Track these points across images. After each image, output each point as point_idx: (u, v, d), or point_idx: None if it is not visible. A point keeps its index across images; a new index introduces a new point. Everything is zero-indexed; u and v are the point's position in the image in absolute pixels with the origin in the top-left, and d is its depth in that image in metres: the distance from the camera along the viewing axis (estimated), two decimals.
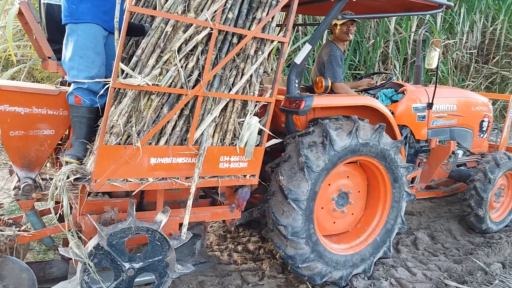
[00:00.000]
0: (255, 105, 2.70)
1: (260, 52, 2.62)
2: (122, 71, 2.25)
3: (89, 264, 2.30)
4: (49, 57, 2.63)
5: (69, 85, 2.63)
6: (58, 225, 2.51)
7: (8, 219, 2.80)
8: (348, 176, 3.29)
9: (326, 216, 3.23)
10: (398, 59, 8.45)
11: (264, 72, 2.67)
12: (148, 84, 2.27)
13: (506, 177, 4.40)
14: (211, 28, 2.36)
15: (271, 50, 2.68)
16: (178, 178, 2.53)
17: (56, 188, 2.27)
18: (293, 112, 2.98)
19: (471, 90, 5.84)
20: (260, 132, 2.74)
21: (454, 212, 4.88)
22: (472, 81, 9.86)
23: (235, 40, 2.53)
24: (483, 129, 4.54)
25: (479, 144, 4.60)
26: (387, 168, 3.23)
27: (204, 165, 2.56)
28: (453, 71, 9.51)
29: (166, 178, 2.51)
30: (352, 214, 3.41)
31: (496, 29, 10.43)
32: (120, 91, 2.32)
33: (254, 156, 2.72)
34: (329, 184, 3.16)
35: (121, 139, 2.32)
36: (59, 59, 2.66)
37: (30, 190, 2.50)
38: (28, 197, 2.51)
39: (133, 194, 2.52)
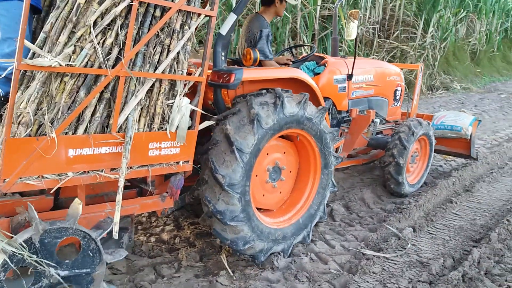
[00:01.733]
0: (185, 85, 2.48)
1: (186, 27, 2.41)
2: (28, 50, 1.92)
3: (13, 259, 1.94)
4: None
5: None
6: None
7: None
8: (284, 152, 3.27)
9: (258, 185, 3.14)
10: (306, 35, 8.50)
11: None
12: (60, 65, 1.95)
13: (419, 142, 4.62)
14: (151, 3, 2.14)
15: (198, 25, 2.48)
16: (102, 171, 2.24)
17: None
18: (222, 87, 2.85)
19: None
20: (192, 114, 2.52)
21: (366, 181, 5.02)
22: (375, 55, 10.30)
23: (158, 13, 2.29)
24: (397, 97, 4.77)
25: (394, 112, 4.82)
26: (314, 136, 3.22)
27: (132, 154, 2.28)
28: (358, 46, 9.84)
29: (88, 172, 2.20)
30: (280, 192, 3.36)
31: (396, 5, 10.97)
32: (27, 73, 2.00)
33: (187, 140, 2.51)
34: (267, 154, 3.09)
35: (31, 129, 1.99)
36: None
37: None
38: None
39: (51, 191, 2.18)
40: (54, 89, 2.02)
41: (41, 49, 1.98)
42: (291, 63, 3.98)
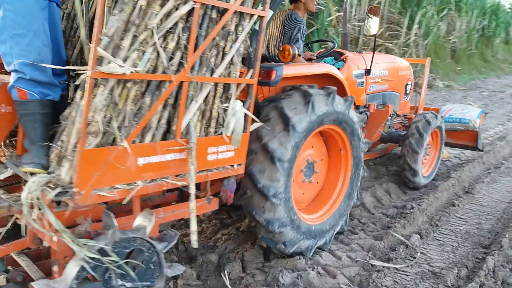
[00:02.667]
0: (237, 88, 2.42)
1: (240, 28, 2.32)
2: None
3: (91, 265, 1.86)
4: None
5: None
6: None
7: None
8: (312, 146, 3.25)
9: (296, 187, 3.17)
10: None
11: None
12: (134, 72, 1.86)
13: (431, 135, 4.68)
14: (194, 1, 2.00)
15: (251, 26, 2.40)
16: (168, 178, 2.17)
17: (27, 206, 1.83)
18: (263, 84, 2.81)
19: None
20: (244, 117, 2.45)
21: (364, 184, 4.81)
22: None
23: (214, 15, 2.18)
24: (407, 92, 4.81)
25: (404, 106, 4.85)
26: (344, 127, 3.19)
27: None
28: (376, 41, 9.70)
29: (155, 179, 2.13)
30: (317, 183, 3.39)
31: (381, 2, 10.87)
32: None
33: (240, 143, 2.46)
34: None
35: (101, 139, 1.89)
36: None
37: None
38: None
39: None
40: (116, 95, 1.90)
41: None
42: (315, 58, 3.91)
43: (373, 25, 3.74)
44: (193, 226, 2.12)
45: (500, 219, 4.04)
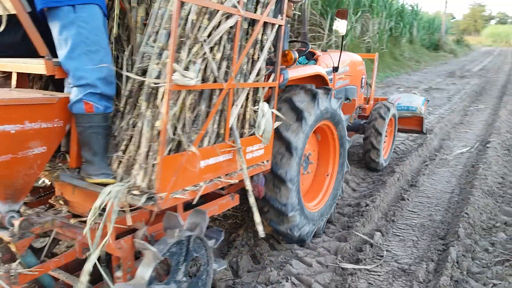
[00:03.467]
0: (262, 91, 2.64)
1: (265, 37, 2.56)
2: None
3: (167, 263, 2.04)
4: (45, 57, 2.01)
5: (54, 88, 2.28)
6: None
7: None
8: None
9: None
10: None
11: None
12: (201, 83, 2.11)
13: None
14: (239, 15, 2.23)
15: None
16: (220, 177, 2.39)
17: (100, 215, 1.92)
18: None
19: None
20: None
21: None
22: None
23: (245, 25, 2.39)
24: (362, 85, 5.15)
25: (360, 98, 5.19)
26: (335, 124, 3.52)
27: (236, 159, 2.47)
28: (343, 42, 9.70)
29: (212, 180, 2.34)
30: (311, 172, 3.65)
31: (303, 4, 11.06)
32: (153, 91, 2.06)
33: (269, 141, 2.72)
34: None
35: (171, 146, 2.06)
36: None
37: (29, 225, 1.95)
38: (26, 235, 1.95)
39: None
40: (179, 105, 2.06)
41: (163, 65, 2.03)
42: None
43: (341, 26, 4.07)
44: (257, 218, 2.41)
45: (448, 209, 4.19)
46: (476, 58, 28.34)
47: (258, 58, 2.51)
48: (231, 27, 2.22)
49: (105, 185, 1.96)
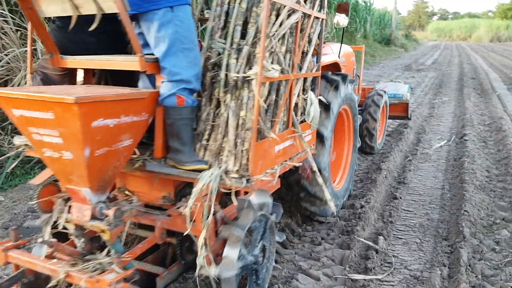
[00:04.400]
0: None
1: (312, 30, 2.81)
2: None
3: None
4: (139, 55, 2.08)
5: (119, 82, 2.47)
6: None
7: None
8: None
9: None
10: None
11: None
12: (281, 74, 2.36)
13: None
14: (302, 10, 2.53)
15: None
16: (286, 161, 2.62)
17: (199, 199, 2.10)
18: None
19: None
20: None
21: None
22: None
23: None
24: (353, 75, 5.22)
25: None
26: (350, 106, 3.84)
27: (294, 144, 2.72)
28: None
29: (282, 163, 2.57)
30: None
31: None
32: (235, 84, 2.26)
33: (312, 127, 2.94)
34: None
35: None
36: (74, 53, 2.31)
37: (121, 214, 2.01)
38: (119, 224, 2.01)
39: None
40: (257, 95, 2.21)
41: (247, 60, 2.29)
42: None
43: (342, 20, 4.26)
44: (327, 195, 2.92)
45: (443, 207, 4.04)
46: (426, 52, 29.31)
47: (308, 50, 2.80)
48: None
49: (199, 171, 2.14)
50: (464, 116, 7.81)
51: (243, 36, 2.33)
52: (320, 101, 3.12)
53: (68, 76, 2.46)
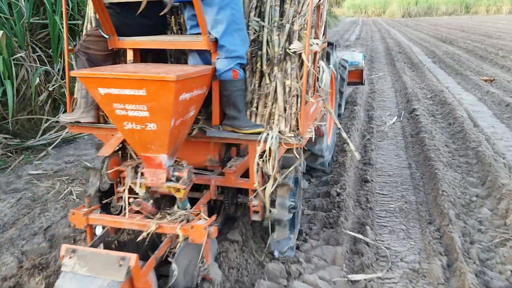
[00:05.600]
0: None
1: (322, 6, 3.03)
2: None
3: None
4: (207, 35, 2.38)
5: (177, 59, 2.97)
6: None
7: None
8: None
9: None
10: None
11: None
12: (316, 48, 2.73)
13: None
14: None
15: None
16: (314, 122, 2.98)
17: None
18: None
19: None
20: None
21: None
22: None
23: None
24: None
25: None
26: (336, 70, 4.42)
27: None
28: None
29: (313, 122, 2.94)
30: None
31: None
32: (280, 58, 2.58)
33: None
34: None
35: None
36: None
37: (191, 175, 2.31)
38: (189, 183, 2.33)
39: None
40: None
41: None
42: None
43: None
44: (352, 146, 3.27)
45: (417, 187, 3.92)
46: (347, 28, 30.01)
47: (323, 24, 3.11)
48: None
49: (258, 133, 2.48)
50: (406, 90, 7.90)
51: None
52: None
53: (111, 56, 2.72)
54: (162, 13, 2.36)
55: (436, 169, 3.98)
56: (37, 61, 5.70)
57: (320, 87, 3.00)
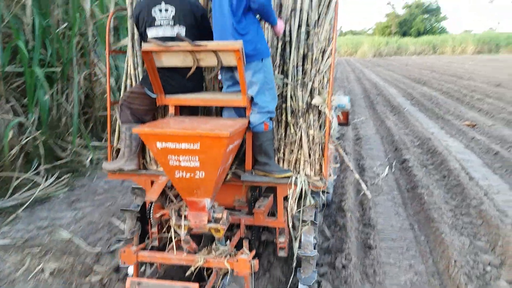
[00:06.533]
0: None
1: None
2: None
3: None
4: (245, 94, 2.80)
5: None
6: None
7: None
8: None
9: None
10: (95, 49, 6.54)
11: None
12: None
13: None
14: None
15: None
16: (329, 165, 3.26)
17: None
18: None
19: None
20: None
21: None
22: None
23: None
24: None
25: None
26: None
27: None
28: None
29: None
30: None
31: None
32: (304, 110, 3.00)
33: None
34: None
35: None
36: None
37: (229, 216, 2.70)
38: (227, 223, 2.69)
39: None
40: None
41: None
42: None
43: None
44: (364, 186, 3.49)
45: (423, 254, 3.65)
46: None
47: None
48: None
49: (287, 177, 2.85)
50: (392, 137, 7.81)
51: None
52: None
53: (152, 111, 3.10)
54: (212, 75, 3.22)
55: (442, 233, 3.75)
56: (11, 111, 5.32)
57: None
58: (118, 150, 3.21)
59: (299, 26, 3.02)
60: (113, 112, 3.52)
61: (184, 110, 3.07)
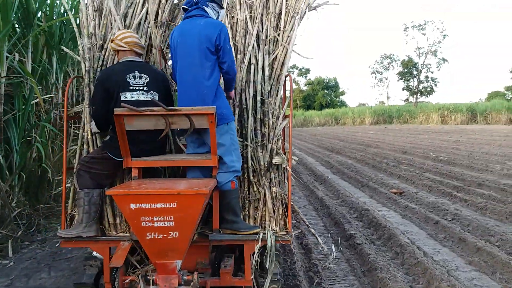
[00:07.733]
0: None
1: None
2: None
3: None
4: (216, 155, 3.10)
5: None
6: None
7: None
8: None
9: None
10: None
11: None
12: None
13: None
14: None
15: None
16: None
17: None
18: None
19: None
20: None
21: None
22: None
23: None
24: None
25: None
26: None
27: None
28: None
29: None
30: None
31: None
32: (267, 169, 3.47)
33: None
34: None
35: None
36: None
37: (198, 279, 2.87)
38: (198, 285, 2.87)
39: None
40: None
41: None
42: None
43: None
44: (325, 247, 4.46)
45: None
46: None
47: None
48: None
49: (255, 234, 3.06)
50: (328, 210, 7.30)
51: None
52: None
53: (113, 175, 3.25)
54: (184, 137, 3.25)
55: None
56: None
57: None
58: (72, 217, 3.24)
59: (255, 95, 3.49)
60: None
61: (146, 174, 3.15)
